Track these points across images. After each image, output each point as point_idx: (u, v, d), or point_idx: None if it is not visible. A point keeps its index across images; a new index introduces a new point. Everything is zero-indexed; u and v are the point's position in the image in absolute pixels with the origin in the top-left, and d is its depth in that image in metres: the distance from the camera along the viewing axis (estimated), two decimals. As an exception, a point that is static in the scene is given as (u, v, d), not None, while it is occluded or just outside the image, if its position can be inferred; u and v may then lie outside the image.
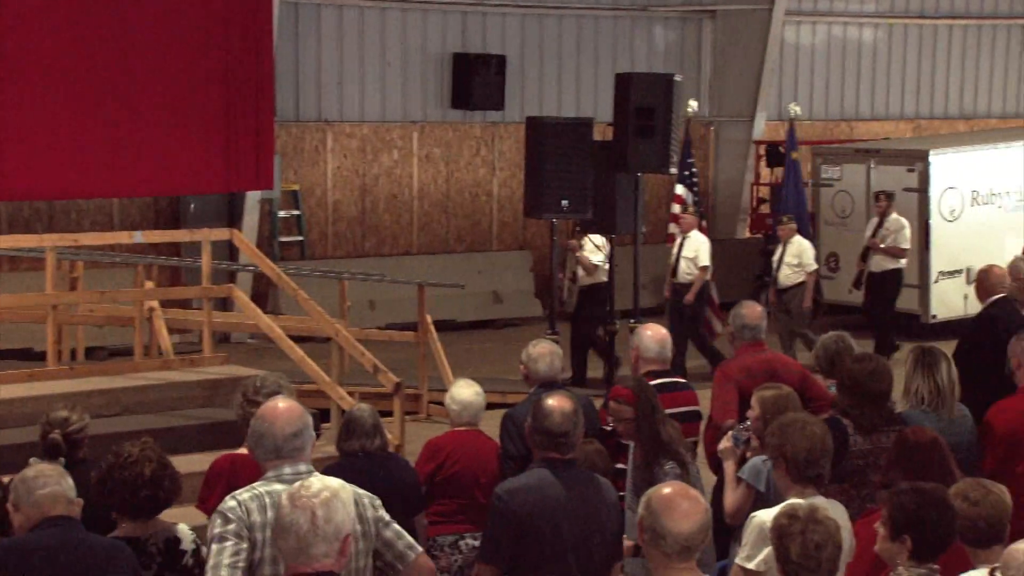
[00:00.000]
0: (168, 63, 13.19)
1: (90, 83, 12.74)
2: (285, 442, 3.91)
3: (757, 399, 5.48)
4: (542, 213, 10.28)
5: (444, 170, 16.56)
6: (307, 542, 3.27)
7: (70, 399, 6.80)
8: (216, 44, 13.50)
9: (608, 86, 13.71)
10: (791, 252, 13.03)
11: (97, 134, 12.79)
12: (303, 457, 3.95)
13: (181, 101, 13.26)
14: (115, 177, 12.94)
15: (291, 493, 3.35)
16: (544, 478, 4.47)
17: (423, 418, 10.96)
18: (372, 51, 15.89)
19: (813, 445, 4.53)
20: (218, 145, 13.69)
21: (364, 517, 3.96)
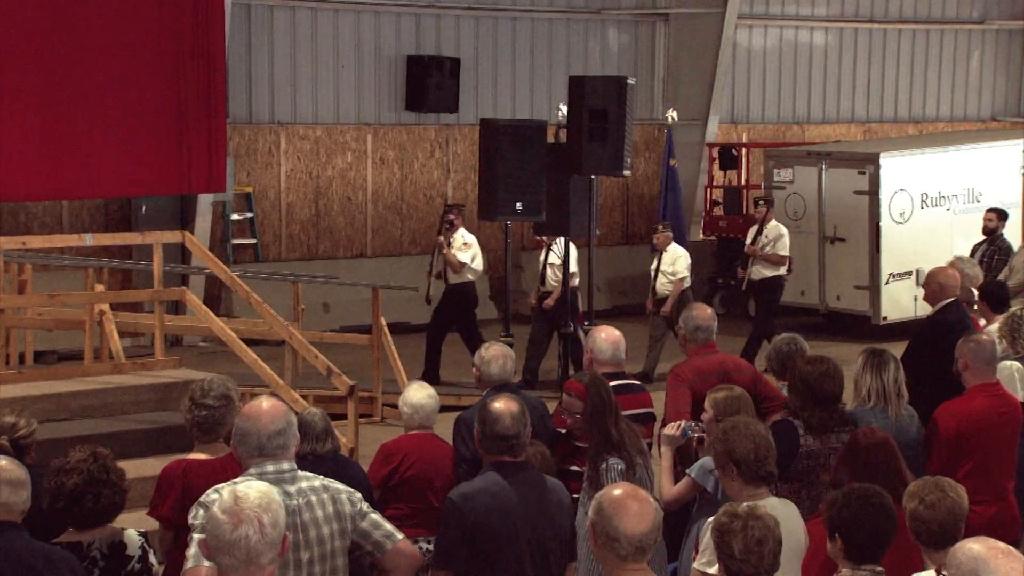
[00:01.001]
0: (119, 64, 13.06)
1: (40, 85, 12.58)
2: (269, 440, 3.94)
3: (710, 401, 5.52)
4: (496, 215, 10.27)
5: (398, 172, 16.52)
6: (257, 552, 3.22)
7: (17, 404, 6.72)
8: (168, 45, 13.37)
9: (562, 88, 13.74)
10: (667, 261, 12.78)
11: (47, 136, 12.63)
12: (286, 455, 3.98)
13: (132, 102, 13.12)
14: (65, 179, 12.77)
15: (228, 509, 3.25)
16: (496, 481, 4.47)
17: (377, 421, 10.93)
18: (325, 53, 15.83)
19: (758, 444, 4.59)
20: (170, 146, 13.56)
21: (342, 514, 3.99)
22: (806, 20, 19.36)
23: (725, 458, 4.62)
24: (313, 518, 3.92)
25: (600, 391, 5.54)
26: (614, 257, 17.36)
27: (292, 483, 3.95)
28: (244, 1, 15.06)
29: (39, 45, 12.51)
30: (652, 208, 18.64)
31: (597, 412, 5.49)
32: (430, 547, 5.78)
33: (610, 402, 5.53)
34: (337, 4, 15.87)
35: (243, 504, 3.24)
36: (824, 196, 15.51)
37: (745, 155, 18.06)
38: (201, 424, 4.95)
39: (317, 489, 3.99)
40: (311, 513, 3.93)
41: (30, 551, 3.97)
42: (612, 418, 5.50)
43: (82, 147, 12.77)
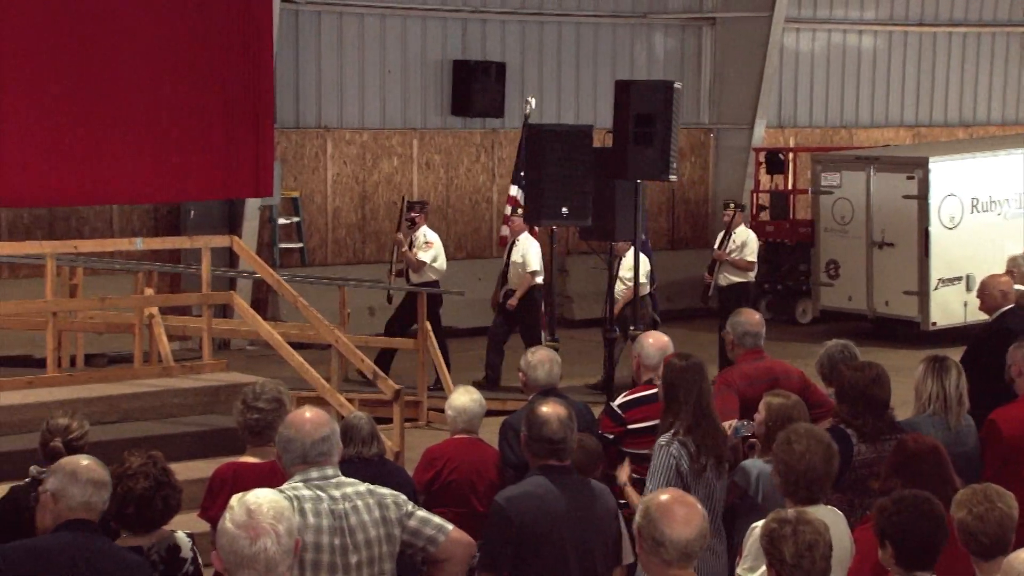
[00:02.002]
0: (169, 70, 13.21)
1: (90, 91, 12.76)
2: (312, 448, 3.96)
3: (764, 405, 5.46)
4: (541, 220, 10.27)
5: (444, 177, 16.58)
6: (275, 562, 3.19)
7: (69, 406, 6.81)
8: (216, 51, 13.52)
9: (607, 93, 13.71)
10: (625, 267, 12.37)
11: (97, 141, 12.80)
12: (330, 462, 3.99)
13: (181, 108, 13.27)
14: (115, 184, 12.95)
15: (244, 523, 3.18)
16: (542, 485, 4.47)
17: (423, 425, 10.97)
18: (372, 58, 15.91)
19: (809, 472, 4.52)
20: (218, 152, 13.71)
21: (388, 519, 4.00)
22: (855, 23, 19.23)
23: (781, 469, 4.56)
24: (360, 522, 3.94)
25: (689, 371, 5.42)
26: (660, 262, 17.25)
27: (337, 488, 3.97)
28: (292, 7, 15.17)
29: (89, 53, 12.68)
30: (698, 213, 18.60)
31: (672, 390, 5.36)
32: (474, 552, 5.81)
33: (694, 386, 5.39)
34: (384, 9, 15.95)
35: (258, 516, 3.20)
36: (872, 201, 15.39)
37: (792, 159, 17.96)
38: (253, 427, 4.99)
39: (363, 494, 4.00)
40: (358, 517, 3.94)
41: (107, 552, 4.00)
42: (693, 402, 5.33)
43: (132, 153, 12.93)
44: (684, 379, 5.38)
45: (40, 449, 5.01)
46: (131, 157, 12.95)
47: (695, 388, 5.36)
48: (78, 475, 4.05)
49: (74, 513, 4.01)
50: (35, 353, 10.64)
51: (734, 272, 12.97)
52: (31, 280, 12.25)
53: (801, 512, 3.87)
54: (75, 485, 4.03)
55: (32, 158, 12.36)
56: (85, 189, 12.93)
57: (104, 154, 12.82)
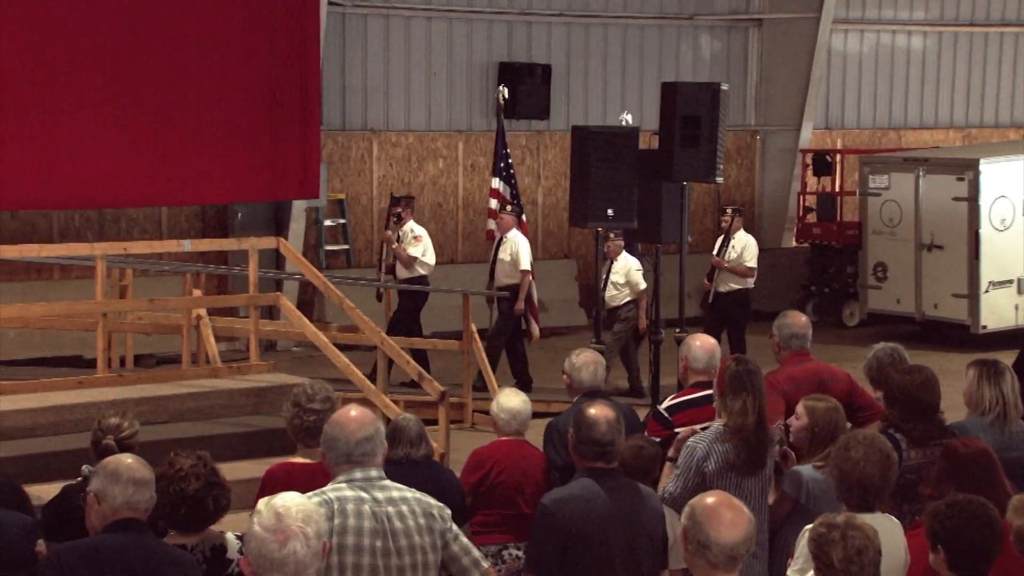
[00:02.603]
0: (215, 72, 13.32)
1: (138, 92, 12.89)
2: (357, 447, 3.95)
3: (806, 409, 5.42)
4: (587, 222, 10.27)
5: (489, 179, 16.58)
6: (304, 565, 3.17)
7: (119, 406, 6.89)
8: (263, 53, 13.61)
9: (653, 95, 13.68)
10: (617, 271, 12.34)
11: (145, 143, 12.93)
12: (374, 462, 3.98)
13: (228, 110, 13.37)
14: (163, 186, 13.06)
15: (273, 526, 3.16)
16: (590, 487, 4.47)
17: (468, 427, 10.99)
18: (418, 60, 15.98)
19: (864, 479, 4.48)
20: (265, 154, 13.79)
21: (434, 528, 3.98)
22: (904, 24, 19.06)
23: (843, 476, 4.52)
24: (405, 527, 3.92)
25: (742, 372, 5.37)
26: (705, 264, 17.19)
27: (381, 490, 3.95)
28: (339, 10, 15.26)
29: (137, 55, 12.81)
30: (744, 215, 18.48)
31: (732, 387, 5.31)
32: (519, 553, 5.82)
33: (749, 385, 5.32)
34: (430, 12, 16.01)
35: (287, 520, 3.18)
36: (921, 203, 15.25)
37: (839, 161, 17.84)
38: (308, 428, 4.99)
39: (408, 500, 3.98)
40: (402, 522, 3.92)
41: (157, 551, 4.02)
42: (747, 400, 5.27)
43: (179, 155, 13.05)
44: (739, 383, 5.36)
45: (92, 448, 5.06)
46: (179, 159, 13.06)
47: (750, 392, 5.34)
48: (119, 475, 4.06)
49: (118, 513, 4.02)
50: (85, 353, 10.78)
51: (733, 279, 12.66)
52: (82, 281, 12.40)
53: (851, 517, 3.84)
54: (116, 485, 4.04)
55: (82, 161, 12.51)
56: (134, 191, 13.06)
57: (152, 156, 12.95)
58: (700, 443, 5.29)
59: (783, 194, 18.30)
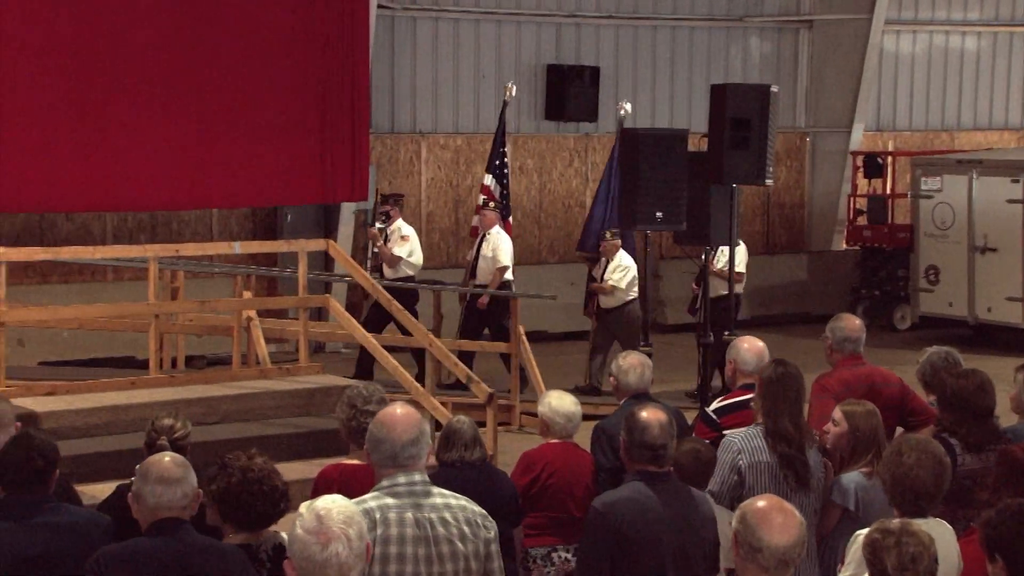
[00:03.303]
0: (265, 75, 13.43)
1: (187, 95, 13.02)
2: (403, 449, 3.88)
3: (844, 414, 5.35)
4: (636, 224, 10.26)
5: (537, 181, 16.61)
6: (347, 567, 3.17)
7: (171, 407, 6.96)
8: (313, 56, 13.71)
9: (702, 97, 13.65)
10: (611, 270, 12.09)
11: (195, 147, 13.06)
12: (418, 465, 3.91)
13: (278, 113, 13.48)
14: (213, 188, 13.19)
15: (314, 529, 3.17)
16: (641, 491, 4.46)
17: (515, 429, 10.99)
18: (466, 62, 16.01)
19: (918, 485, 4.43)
20: (314, 156, 13.89)
21: (477, 536, 3.91)
22: (958, 25, 18.86)
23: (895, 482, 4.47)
24: (447, 534, 3.86)
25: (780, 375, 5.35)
26: (754, 267, 17.13)
27: (424, 496, 3.90)
28: (388, 13, 15.33)
29: (187, 58, 12.95)
30: (794, 217, 18.40)
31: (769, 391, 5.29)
32: (568, 556, 5.82)
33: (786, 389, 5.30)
34: (478, 14, 16.05)
35: (328, 522, 3.18)
36: (974, 205, 15.09)
37: (891, 163, 17.68)
38: (363, 430, 4.97)
39: (452, 506, 3.92)
40: (445, 529, 3.86)
41: (195, 551, 4.02)
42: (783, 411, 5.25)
43: (229, 158, 13.17)
44: (776, 387, 5.33)
45: (145, 449, 5.11)
46: (229, 163, 13.18)
47: (783, 395, 5.31)
48: (148, 475, 4.08)
49: (156, 513, 4.04)
50: (137, 354, 10.89)
51: (722, 283, 12.12)
52: (134, 283, 12.54)
53: (906, 523, 3.79)
54: (146, 485, 4.06)
55: (132, 164, 12.65)
56: (185, 194, 13.20)
57: (202, 159, 13.07)
58: (735, 437, 5.29)
59: (833, 196, 18.16)
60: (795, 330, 15.56)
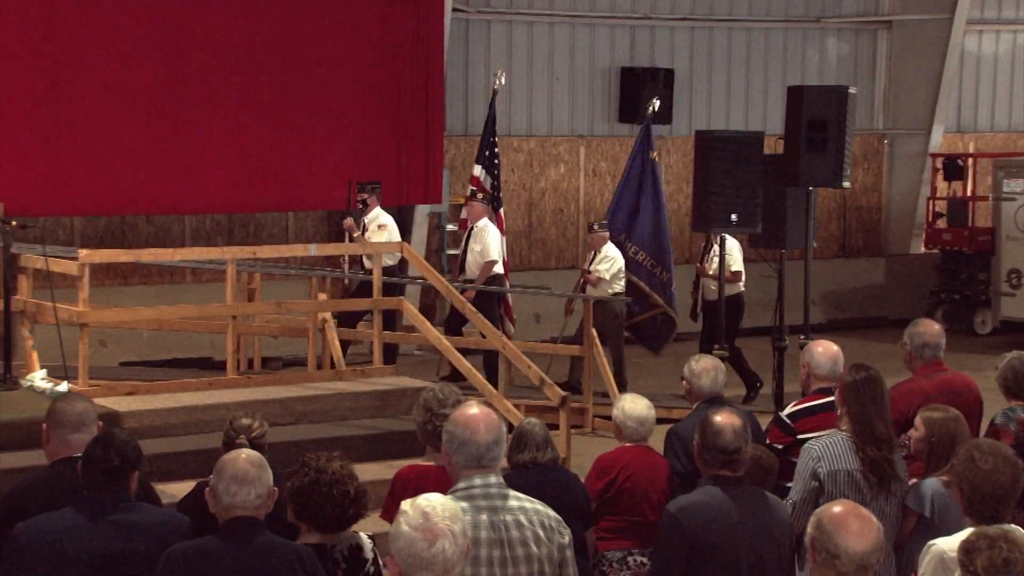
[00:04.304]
0: (340, 78, 13.56)
1: (262, 98, 13.20)
2: (487, 451, 3.87)
3: (923, 420, 5.30)
4: (710, 227, 10.21)
5: (610, 184, 16.56)
6: (452, 563, 3.19)
7: (248, 407, 7.05)
8: (388, 59, 13.82)
9: (778, 99, 13.52)
10: (600, 261, 11.90)
11: (269, 148, 13.22)
12: (495, 468, 3.91)
13: (353, 116, 13.61)
14: (289, 191, 13.34)
15: (420, 525, 3.18)
16: (716, 495, 4.45)
17: (588, 432, 10.98)
18: (540, 65, 16.04)
19: (997, 490, 4.36)
20: (389, 159, 14.00)
21: (552, 540, 3.89)
22: (1042, 24, 18.52)
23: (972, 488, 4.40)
24: (522, 537, 3.84)
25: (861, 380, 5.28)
26: (830, 270, 16.98)
27: (500, 498, 3.89)
28: (463, 16, 15.40)
29: (261, 61, 13.13)
30: (871, 220, 18.17)
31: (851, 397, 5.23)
32: (643, 559, 5.81)
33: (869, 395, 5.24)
34: (553, 17, 16.07)
35: (434, 518, 3.20)
36: None
37: (972, 165, 17.40)
38: (440, 432, 5.01)
39: (527, 509, 3.91)
40: (519, 532, 3.85)
41: (265, 551, 4.05)
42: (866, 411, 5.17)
43: (304, 160, 13.32)
44: (861, 391, 5.27)
45: (223, 449, 5.16)
46: (304, 164, 13.32)
47: (870, 397, 5.24)
48: (223, 472, 4.12)
49: (230, 511, 4.08)
50: (215, 355, 11.03)
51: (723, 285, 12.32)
52: (211, 284, 12.72)
53: (1007, 529, 3.74)
54: (221, 482, 4.10)
55: (205, 167, 12.84)
56: (261, 196, 13.37)
57: (277, 162, 13.24)
58: (816, 444, 5.23)
59: (911, 199, 17.91)
60: (871, 335, 15.35)
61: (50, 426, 4.82)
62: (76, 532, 4.24)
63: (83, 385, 8.50)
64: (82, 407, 4.90)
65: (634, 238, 12.56)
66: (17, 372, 8.82)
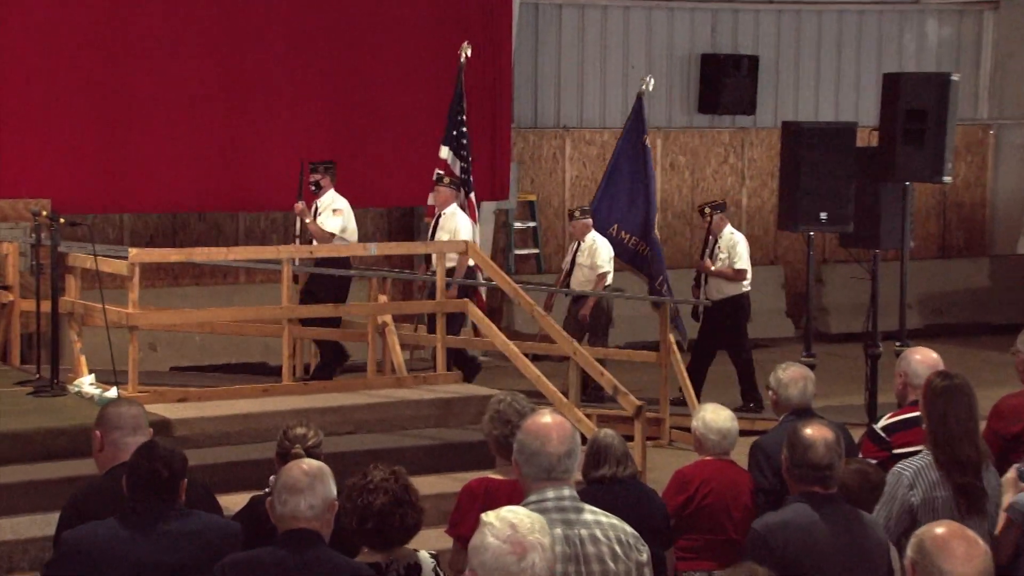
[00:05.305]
0: (402, 69, 13.62)
1: (323, 90, 13.29)
2: (559, 462, 3.88)
3: None
4: (798, 225, 10.13)
5: (689, 179, 16.50)
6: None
7: (304, 415, 7.10)
8: (452, 48, 13.85)
9: (873, 87, 13.37)
10: (583, 252, 11.73)
11: (327, 143, 13.30)
12: (570, 480, 3.92)
13: (414, 109, 13.66)
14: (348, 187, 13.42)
15: (510, 538, 3.18)
16: (805, 514, 4.40)
17: (664, 444, 10.93)
18: (615, 53, 15.99)
19: None
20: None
21: (629, 558, 3.89)
22: None
23: None
24: (598, 553, 3.86)
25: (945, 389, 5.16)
26: (928, 272, 16.73)
27: (575, 513, 3.91)
28: (532, 1, 15.40)
29: (323, 53, 13.23)
30: (974, 218, 17.90)
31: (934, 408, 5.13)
32: (726, 582, 5.77)
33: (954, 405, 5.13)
34: (628, 2, 16.01)
35: (522, 531, 3.20)
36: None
37: (1086, 158, 17.09)
38: None
39: (603, 524, 3.92)
40: (596, 548, 3.86)
41: (318, 565, 4.08)
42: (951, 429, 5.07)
43: (364, 155, 13.39)
44: (942, 402, 5.17)
45: (277, 459, 5.20)
46: (362, 160, 13.39)
47: (954, 413, 5.14)
48: (279, 480, 4.17)
49: (287, 523, 4.11)
50: (269, 361, 11.11)
51: (725, 283, 11.91)
52: (266, 285, 12.84)
53: None
54: (275, 492, 4.15)
55: (270, 163, 12.96)
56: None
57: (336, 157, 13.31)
58: (907, 469, 5.12)
59: (1019, 195, 17.61)
60: (974, 341, 15.12)
61: (104, 431, 4.87)
62: (120, 543, 4.31)
63: (132, 391, 8.61)
64: (136, 410, 5.00)
65: (627, 227, 12.43)
66: (64, 377, 8.96)
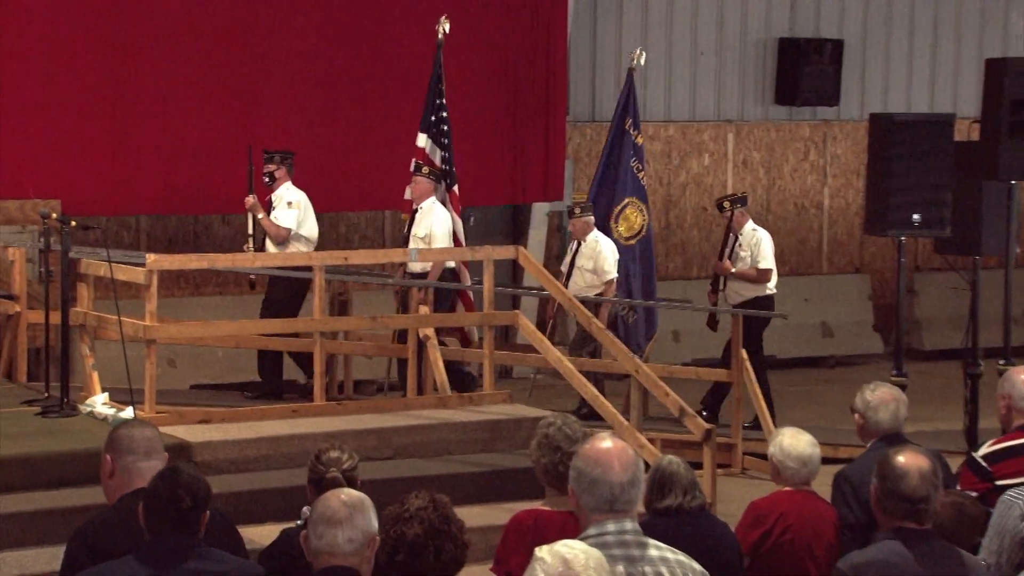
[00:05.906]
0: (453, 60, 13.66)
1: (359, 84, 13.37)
2: (622, 492, 3.92)
3: None
4: (887, 229, 10.07)
5: (764, 178, 16.44)
6: None
7: (338, 438, 7.12)
8: (503, 37, 13.89)
9: (973, 75, 13.28)
10: (585, 254, 11.78)
11: (370, 140, 13.38)
12: (632, 512, 3.95)
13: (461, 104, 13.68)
14: (387, 188, 13.47)
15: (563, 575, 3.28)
16: (897, 552, 4.37)
17: (737, 473, 10.90)
18: (681, 38, 15.97)
19: None
20: (502, 150, 14.06)
21: None
22: None
23: None
24: None
25: None
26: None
27: (638, 548, 3.92)
28: (589, -19, 15.43)
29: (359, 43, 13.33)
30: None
31: None
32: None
33: None
34: (696, -19, 16.01)
35: (576, 567, 3.26)
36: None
37: None
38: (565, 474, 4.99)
39: (668, 560, 3.94)
40: None
41: None
42: None
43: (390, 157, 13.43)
44: None
45: (310, 487, 5.21)
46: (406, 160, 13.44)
47: None
48: (314, 511, 4.13)
49: (323, 559, 4.08)
50: (299, 378, 11.17)
51: (747, 285, 11.87)
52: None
53: None
54: (311, 524, 4.11)
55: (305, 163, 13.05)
56: (357, 193, 13.54)
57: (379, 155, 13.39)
58: (1019, 498, 5.13)
59: None
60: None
61: (115, 456, 4.84)
62: None
63: (149, 411, 8.68)
64: (151, 432, 4.95)
65: None
66: (75, 396, 9.04)
